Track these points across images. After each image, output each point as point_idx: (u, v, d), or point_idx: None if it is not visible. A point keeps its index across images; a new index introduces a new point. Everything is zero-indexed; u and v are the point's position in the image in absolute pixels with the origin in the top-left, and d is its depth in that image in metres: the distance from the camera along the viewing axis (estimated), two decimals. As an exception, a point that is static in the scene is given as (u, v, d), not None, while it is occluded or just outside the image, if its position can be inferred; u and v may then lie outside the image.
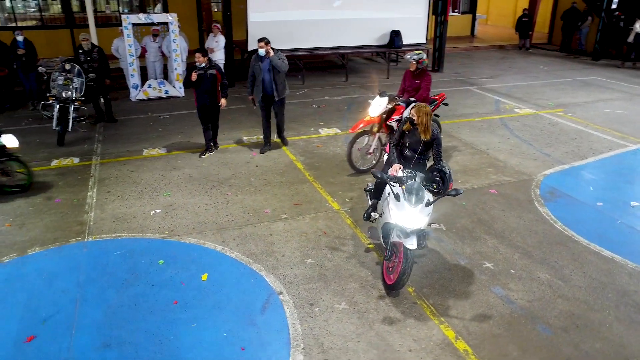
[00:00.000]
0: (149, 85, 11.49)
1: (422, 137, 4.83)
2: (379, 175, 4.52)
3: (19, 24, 15.15)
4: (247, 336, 4.15)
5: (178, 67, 11.46)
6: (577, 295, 4.63)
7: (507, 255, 5.25)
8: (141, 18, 10.88)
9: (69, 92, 8.45)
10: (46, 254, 5.35)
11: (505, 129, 9.27)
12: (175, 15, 11.14)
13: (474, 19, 20.92)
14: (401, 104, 7.19)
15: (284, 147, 8.37)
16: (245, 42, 12.45)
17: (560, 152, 8.08)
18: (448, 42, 15.87)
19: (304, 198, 6.56)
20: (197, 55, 7.61)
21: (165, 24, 11.20)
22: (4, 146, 6.49)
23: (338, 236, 5.64)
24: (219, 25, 12.04)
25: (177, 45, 11.26)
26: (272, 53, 7.65)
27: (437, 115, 7.76)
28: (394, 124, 7.07)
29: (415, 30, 13.66)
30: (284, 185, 6.96)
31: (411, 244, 4.37)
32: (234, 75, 12.82)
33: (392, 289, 4.59)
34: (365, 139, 7.22)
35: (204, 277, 4.91)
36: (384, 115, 7.05)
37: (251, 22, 12.24)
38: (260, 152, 8.18)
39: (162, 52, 11.85)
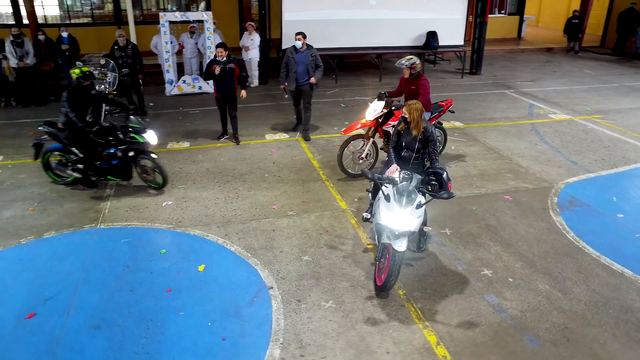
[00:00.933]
0: (184, 81, 11.84)
1: (414, 133, 4.78)
2: (369, 176, 4.51)
3: (73, 21, 15.99)
4: (230, 327, 4.23)
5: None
6: (575, 309, 4.44)
7: (508, 263, 5.10)
8: (177, 16, 11.23)
9: (102, 86, 8.82)
10: (60, 238, 5.64)
11: (534, 135, 8.96)
12: (210, 13, 11.43)
13: (521, 21, 20.25)
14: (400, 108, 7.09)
15: (303, 145, 8.43)
16: (280, 40, 12.59)
17: (588, 160, 7.73)
18: (492, 44, 15.48)
19: (313, 196, 6.60)
20: (219, 49, 8.00)
21: (201, 21, 11.48)
22: (147, 142, 6.52)
23: (339, 235, 5.65)
24: (253, 24, 12.26)
25: (212, 43, 11.52)
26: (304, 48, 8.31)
27: (440, 123, 7.61)
28: (390, 129, 6.97)
29: (453, 31, 13.39)
30: (296, 182, 7.02)
31: (400, 245, 4.34)
32: (268, 73, 13.01)
33: (380, 290, 4.56)
34: (360, 143, 7.16)
35: (201, 268, 5.03)
36: (380, 120, 6.96)
37: (286, 20, 12.37)
38: (292, 130, 9.07)
39: (198, 49, 12.18)
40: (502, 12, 19.85)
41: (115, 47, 9.64)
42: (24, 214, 6.17)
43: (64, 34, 10.62)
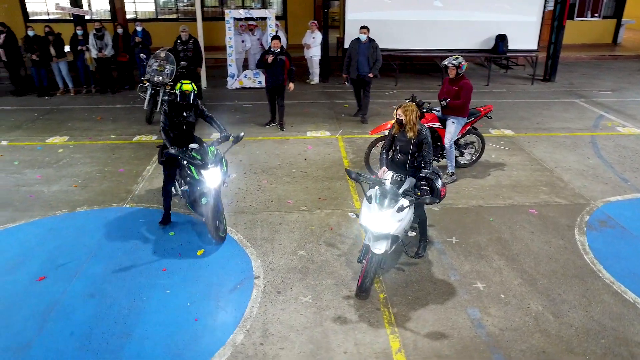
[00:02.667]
0: (245, 75, 12.32)
1: (409, 135, 4.69)
2: (352, 176, 4.50)
3: (164, 17, 17.26)
4: (207, 309, 4.44)
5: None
6: (562, 334, 4.14)
7: (506, 279, 4.84)
8: (241, 13, 11.71)
9: (160, 77, 9.48)
10: (88, 213, 6.18)
11: (590, 148, 8.32)
12: (273, 11, 11.79)
13: (619, 25, 18.67)
14: (434, 111, 6.90)
15: (340, 144, 8.49)
16: (342, 39, 12.68)
17: (643, 179, 7.07)
18: (579, 50, 14.49)
19: (331, 194, 6.65)
20: (274, 41, 8.67)
21: (264, 19, 11.88)
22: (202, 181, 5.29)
23: (342, 234, 5.67)
24: (316, 22, 12.46)
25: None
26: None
27: (474, 129, 7.29)
28: None
29: (525, 35, 12.71)
30: (320, 179, 7.11)
31: (377, 248, 4.31)
32: (328, 71, 13.15)
33: (358, 291, 4.54)
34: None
35: (200, 252, 5.30)
36: None
37: (349, 20, 12.44)
38: (353, 116, 9.73)
39: (262, 45, 12.60)
40: (596, 15, 18.41)
41: (178, 41, 10.27)
42: (68, 189, 6.82)
43: (139, 28, 11.48)
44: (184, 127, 5.51)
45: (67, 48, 11.69)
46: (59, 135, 8.98)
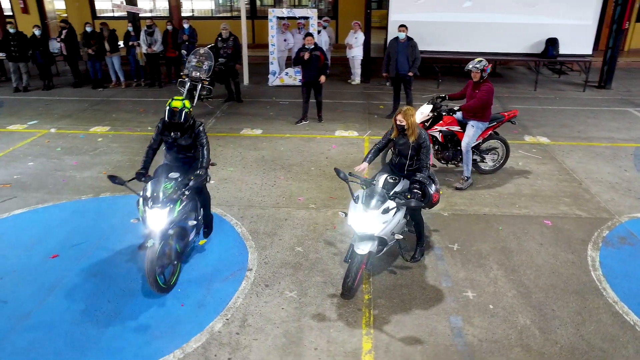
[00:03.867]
0: (286, 73, 12.53)
1: (411, 140, 4.66)
2: (341, 176, 4.52)
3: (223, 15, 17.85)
4: (194, 297, 4.61)
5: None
6: (544, 350, 3.97)
7: (500, 290, 4.69)
8: (284, 12, 11.91)
9: (198, 73, 9.85)
10: (110, 199, 6.56)
11: (630, 160, 7.84)
12: (315, 10, 11.91)
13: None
14: (454, 114, 6.74)
15: (366, 145, 8.48)
16: (385, 40, 12.61)
17: (682, 196, 6.58)
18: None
19: (343, 193, 6.67)
20: (308, 38, 9.03)
21: (307, 18, 12.03)
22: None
23: (343, 233, 5.69)
24: (359, 23, 12.46)
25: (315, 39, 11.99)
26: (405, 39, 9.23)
27: (496, 133, 7.05)
28: (437, 134, 6.69)
29: (579, 39, 12.07)
30: (336, 178, 7.11)
31: (360, 248, 4.32)
32: (369, 72, 13.12)
33: (342, 290, 4.56)
34: None
35: (202, 242, 5.49)
36: (427, 124, 6.70)
37: (392, 21, 12.33)
38: (387, 117, 9.72)
39: (305, 45, 12.74)
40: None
41: (219, 39, 10.61)
42: (97, 176, 7.26)
43: (186, 26, 11.95)
44: (175, 149, 4.91)
45: (121, 44, 12.37)
46: (102, 125, 9.54)
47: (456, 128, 6.81)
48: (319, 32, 12.34)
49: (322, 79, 9.17)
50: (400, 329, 4.20)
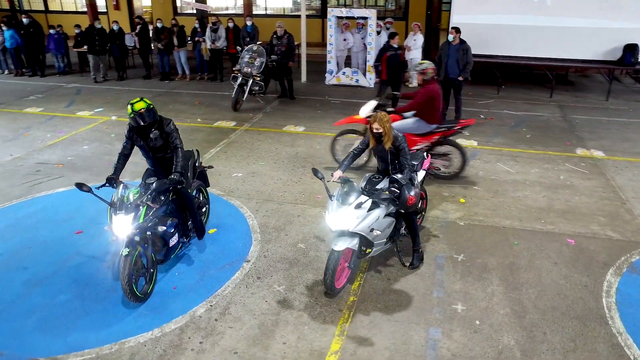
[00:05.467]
0: (343, 73, 12.58)
1: (387, 146, 4.58)
2: (319, 175, 4.53)
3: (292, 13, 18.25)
4: (189, 281, 4.83)
5: (371, 60, 12.16)
6: (520, 374, 3.75)
7: (493, 306, 4.47)
8: (343, 12, 11.96)
9: (249, 69, 10.18)
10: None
11: (693, 182, 7.09)
12: (374, 11, 11.84)
13: None
14: (403, 113, 6.73)
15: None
16: (437, 42, 12.28)
17: None
18: None
19: (364, 194, 6.64)
20: (396, 37, 9.27)
21: (365, 18, 11.99)
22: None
23: (350, 234, 5.67)
24: (419, 24, 12.23)
25: (372, 39, 11.95)
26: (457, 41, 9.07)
27: (450, 140, 6.92)
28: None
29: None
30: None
31: (337, 245, 4.33)
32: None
33: (325, 289, 4.56)
34: (353, 138, 7.29)
35: (212, 230, 5.72)
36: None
37: (454, 23, 11.95)
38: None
39: (364, 44, 12.73)
40: None
41: (274, 36, 10.89)
42: (138, 162, 7.45)
43: (249, 23, 12.36)
44: (150, 153, 4.83)
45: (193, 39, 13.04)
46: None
47: None
48: (378, 32, 12.26)
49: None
50: (374, 334, 4.14)
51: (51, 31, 13.37)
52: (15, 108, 10.77)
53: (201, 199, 5.69)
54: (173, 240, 4.79)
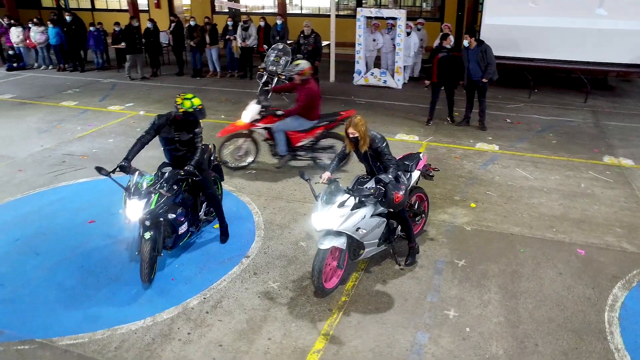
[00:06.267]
0: (371, 73, 12.53)
1: (362, 150, 4.53)
2: (304, 178, 4.51)
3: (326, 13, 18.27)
4: (186, 273, 4.95)
5: (399, 61, 12.06)
6: (503, 385, 3.65)
7: (487, 314, 4.37)
8: (372, 12, 11.90)
9: (274, 67, 10.29)
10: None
11: None
12: (403, 11, 11.72)
13: None
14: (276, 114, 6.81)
15: (421, 150, 8.25)
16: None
17: None
18: None
19: (374, 195, 6.61)
20: (448, 39, 9.09)
21: (394, 19, 11.90)
22: None
23: (353, 234, 5.66)
24: (449, 25, 12.02)
25: (401, 40, 11.85)
26: (474, 44, 8.76)
27: (331, 132, 7.06)
28: (263, 131, 6.97)
29: None
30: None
31: (322, 243, 4.32)
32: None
33: (315, 288, 4.56)
34: (239, 141, 7.25)
35: (217, 225, 5.82)
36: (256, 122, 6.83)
37: (485, 24, 11.75)
38: (457, 124, 9.43)
39: (394, 45, 12.63)
40: None
41: (301, 35, 10.96)
42: (158, 155, 7.88)
43: (279, 22, 12.48)
44: (177, 144, 5.05)
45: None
46: (184, 110, 10.38)
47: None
48: (407, 33, 12.14)
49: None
50: (360, 335, 4.12)
51: (91, 28, 13.91)
52: (53, 101, 11.28)
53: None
54: (182, 229, 5.03)
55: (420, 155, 5.46)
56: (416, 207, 5.35)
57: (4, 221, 5.96)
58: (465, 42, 8.84)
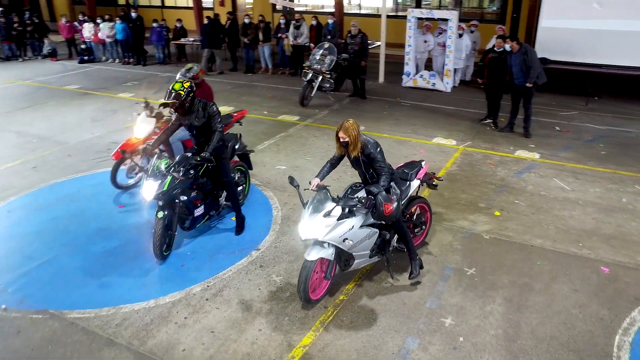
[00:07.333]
0: (421, 76, 12.33)
1: (353, 154, 4.34)
2: (294, 184, 4.40)
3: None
4: (198, 262, 5.14)
5: (449, 63, 11.80)
6: (485, 399, 3.53)
7: (485, 325, 4.23)
8: (424, 13, 11.71)
9: (318, 66, 10.39)
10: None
11: None
12: (455, 13, 11.44)
13: None
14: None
15: (456, 155, 8.06)
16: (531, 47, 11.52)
17: None
18: None
19: (397, 198, 6.54)
20: (498, 40, 8.87)
21: (445, 20, 11.64)
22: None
23: (366, 235, 5.64)
24: (503, 28, 11.61)
25: (452, 42, 11.58)
26: (517, 48, 8.41)
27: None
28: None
29: None
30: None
31: (309, 254, 4.18)
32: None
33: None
34: (134, 159, 6.60)
35: (234, 218, 5.99)
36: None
37: (542, 27, 11.25)
38: (499, 130, 9.13)
39: (443, 47, 12.35)
40: None
41: (349, 35, 10.97)
42: None
43: (330, 21, 12.56)
44: (194, 132, 5.27)
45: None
46: (228, 105, 10.71)
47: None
48: (460, 35, 11.84)
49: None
50: (350, 334, 4.12)
51: (154, 24, 14.63)
52: (112, 92, 11.99)
53: (236, 178, 6.05)
54: (198, 212, 5.32)
55: (422, 163, 5.21)
56: (415, 218, 5.12)
57: (45, 201, 6.43)
58: (507, 46, 8.58)
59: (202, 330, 4.17)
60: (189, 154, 5.26)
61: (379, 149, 4.35)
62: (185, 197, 5.05)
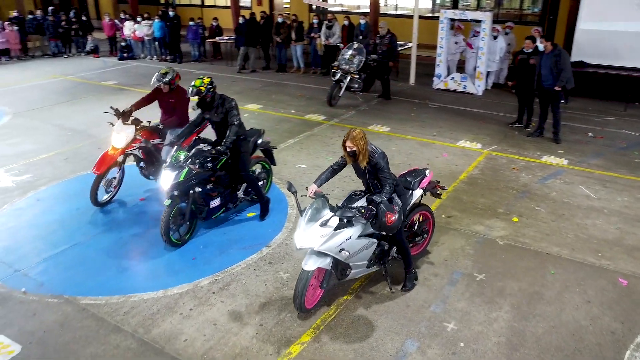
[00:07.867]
0: (452, 78, 12.15)
1: (362, 165, 4.25)
2: (291, 190, 4.28)
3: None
4: (208, 255, 5.26)
5: (481, 66, 11.59)
6: (479, 406, 3.48)
7: (488, 332, 4.16)
8: (457, 14, 11.54)
9: (346, 66, 10.40)
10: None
11: None
12: (489, 14, 11.22)
13: None
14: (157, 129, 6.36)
15: (480, 159, 7.92)
16: (569, 49, 11.18)
17: None
18: None
19: (414, 200, 6.50)
20: (528, 41, 8.71)
21: (479, 21, 11.43)
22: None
23: (378, 236, 5.63)
24: (540, 29, 11.30)
25: (484, 44, 11.37)
26: (550, 49, 8.16)
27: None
28: (137, 151, 6.39)
29: None
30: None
31: (306, 264, 4.11)
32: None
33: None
34: (113, 171, 6.37)
35: (250, 214, 6.10)
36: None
37: (580, 29, 10.90)
38: (528, 135, 8.91)
39: (471, 48, 12.14)
40: None
41: (377, 36, 10.94)
42: None
43: (362, 22, 12.53)
44: (214, 125, 5.54)
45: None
46: (258, 103, 10.89)
47: (157, 141, 6.42)
48: (494, 37, 11.60)
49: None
50: (349, 334, 4.13)
51: (190, 23, 14.97)
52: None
53: (256, 173, 6.21)
54: (213, 203, 5.52)
55: (426, 172, 5.06)
56: (417, 226, 5.00)
57: (73, 191, 6.71)
58: (541, 46, 8.34)
59: (205, 322, 4.27)
60: (206, 147, 5.40)
61: (384, 159, 4.27)
62: (200, 189, 5.24)
